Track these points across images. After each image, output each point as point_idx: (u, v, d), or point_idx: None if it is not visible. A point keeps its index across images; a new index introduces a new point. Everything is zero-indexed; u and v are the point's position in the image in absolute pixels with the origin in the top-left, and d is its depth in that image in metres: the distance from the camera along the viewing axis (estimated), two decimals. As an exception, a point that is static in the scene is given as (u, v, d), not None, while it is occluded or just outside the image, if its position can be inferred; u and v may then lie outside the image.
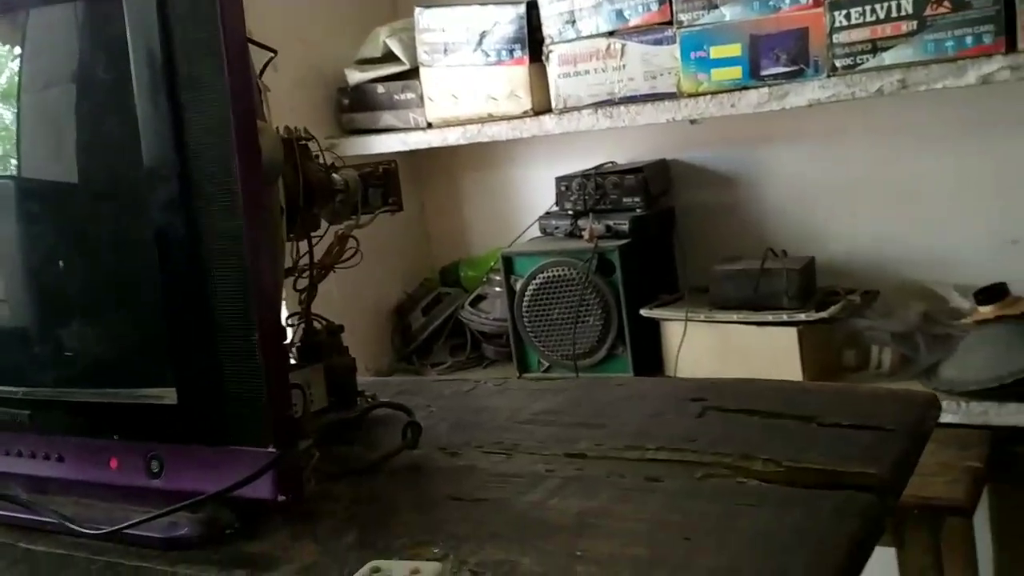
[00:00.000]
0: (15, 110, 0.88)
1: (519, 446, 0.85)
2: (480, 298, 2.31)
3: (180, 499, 0.73)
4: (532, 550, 0.64)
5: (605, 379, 1.19)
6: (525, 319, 2.08)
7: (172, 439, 0.74)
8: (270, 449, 0.69)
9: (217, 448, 0.72)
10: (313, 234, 1.00)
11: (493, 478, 0.79)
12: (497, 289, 2.25)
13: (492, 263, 2.26)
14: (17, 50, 0.89)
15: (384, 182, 1.12)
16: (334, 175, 1.04)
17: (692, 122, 1.95)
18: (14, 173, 0.86)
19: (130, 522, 0.73)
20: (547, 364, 2.12)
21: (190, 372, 0.72)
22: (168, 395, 0.74)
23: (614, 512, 0.69)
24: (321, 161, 1.02)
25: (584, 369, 2.03)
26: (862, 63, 1.61)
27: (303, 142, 0.99)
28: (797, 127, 2.01)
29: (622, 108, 1.87)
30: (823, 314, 1.83)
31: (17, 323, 0.86)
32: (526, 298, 2.08)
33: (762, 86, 1.71)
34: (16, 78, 0.89)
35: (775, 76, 1.70)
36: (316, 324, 0.99)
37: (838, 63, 1.62)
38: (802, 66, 1.67)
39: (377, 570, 0.61)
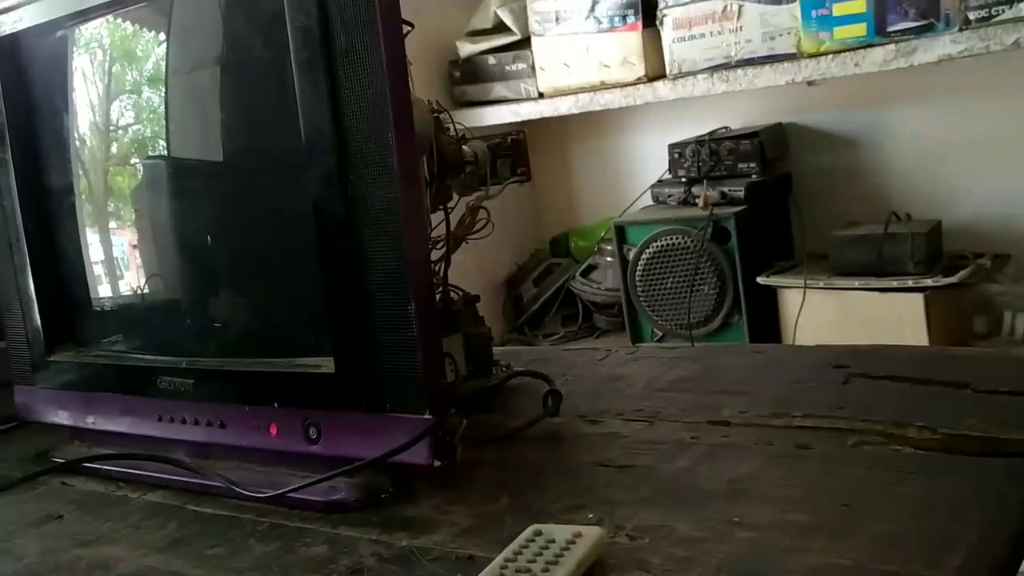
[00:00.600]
0: (163, 93, 0.92)
1: (660, 414, 0.85)
2: (591, 268, 2.31)
3: (337, 464, 0.76)
4: (687, 515, 0.65)
5: (740, 347, 1.18)
6: (638, 289, 2.08)
7: (329, 406, 0.77)
8: (426, 416, 0.71)
9: (373, 415, 0.74)
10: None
11: (638, 445, 0.79)
12: (608, 259, 2.24)
13: (603, 233, 2.26)
14: (163, 35, 0.93)
15: (513, 152, 1.13)
16: (464, 147, 1.05)
17: (810, 83, 1.90)
18: (175, 154, 0.90)
19: (292, 487, 0.76)
20: (661, 334, 2.11)
21: (347, 341, 0.74)
22: (326, 364, 0.76)
23: (766, 478, 0.69)
24: (452, 133, 1.04)
25: (699, 338, 2.01)
26: (997, 15, 1.54)
27: (436, 114, 1.01)
28: (921, 85, 1.94)
29: (739, 71, 1.83)
30: (951, 279, 1.77)
31: (180, 297, 0.91)
32: (639, 267, 2.07)
33: (888, 43, 1.66)
34: (163, 62, 0.93)
35: (902, 32, 1.64)
36: (452, 294, 1.01)
37: (971, 16, 1.56)
38: (932, 20, 1.61)
39: (539, 533, 0.62)
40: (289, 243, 0.80)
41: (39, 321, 0.97)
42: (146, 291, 0.95)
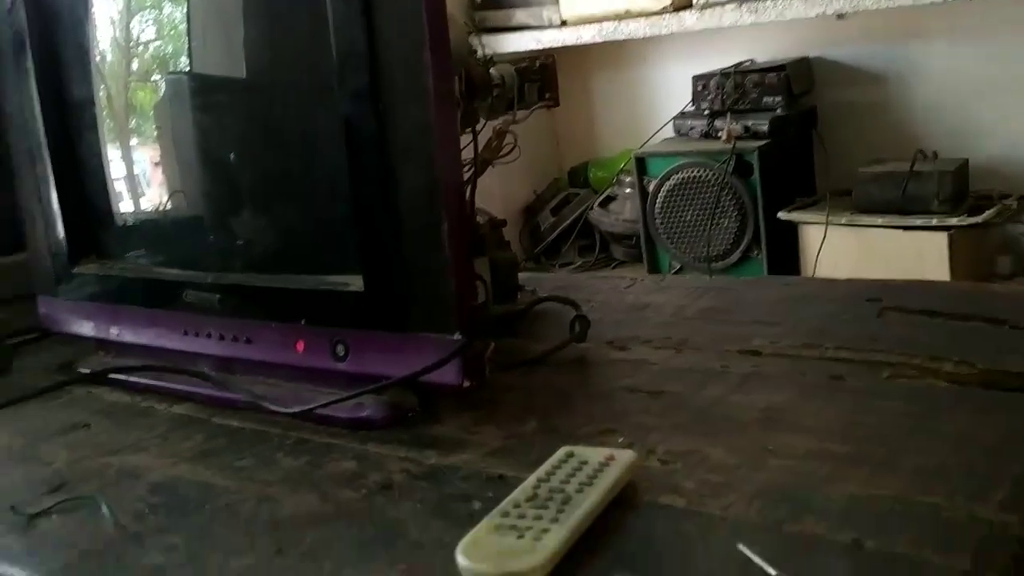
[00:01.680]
0: (186, 5, 0.89)
1: (688, 341, 0.84)
2: (610, 199, 2.29)
3: (364, 382, 0.76)
4: (720, 443, 0.64)
5: (770, 279, 1.17)
6: (658, 220, 2.06)
7: (357, 324, 0.76)
8: (456, 336, 0.70)
9: (402, 334, 0.73)
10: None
11: (667, 372, 0.79)
12: (628, 190, 2.22)
13: (623, 164, 2.23)
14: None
15: (540, 77, 1.10)
16: (491, 70, 1.03)
17: (839, 17, 1.86)
18: (198, 69, 0.88)
19: (319, 403, 0.76)
20: (679, 266, 2.10)
21: (377, 261, 0.73)
22: (355, 282, 0.75)
23: (800, 409, 0.68)
24: (480, 55, 1.01)
25: (717, 271, 2.00)
26: (1040, -52, 1.49)
27: (467, 32, 0.98)
28: (950, 20, 1.89)
29: (768, 2, 1.79)
30: (976, 219, 1.75)
31: (204, 213, 0.90)
32: (659, 199, 2.05)
33: (925, -26, 1.61)
34: None
35: (940, -36, 1.59)
36: (479, 218, 1.00)
37: (1013, -52, 1.51)
38: (971, -48, 1.56)
39: (571, 455, 0.62)
40: (317, 161, 0.78)
41: (62, 232, 0.96)
42: (169, 207, 0.94)
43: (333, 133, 0.74)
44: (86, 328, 0.97)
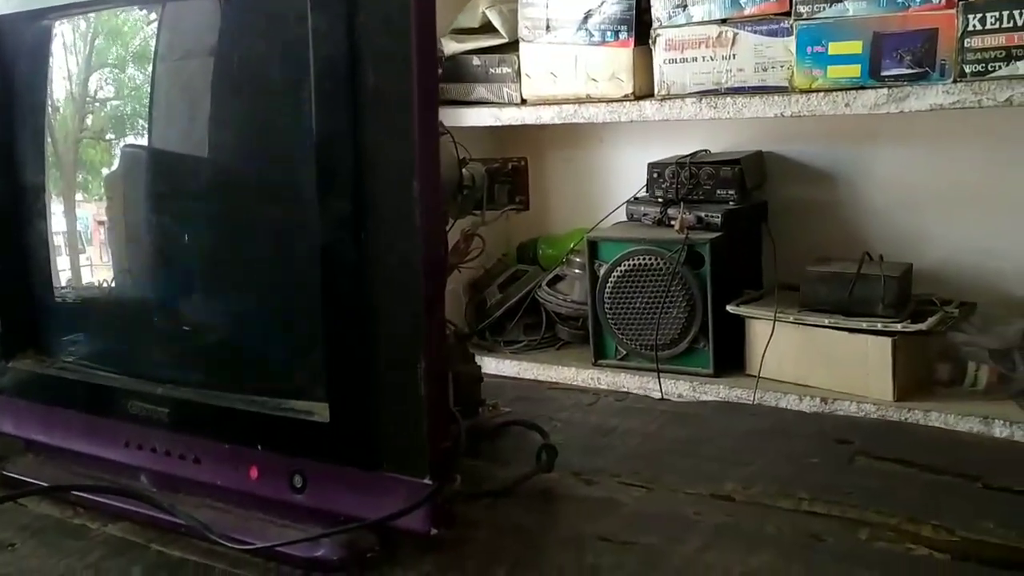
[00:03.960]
0: (148, 89, 0.85)
1: (659, 480, 0.82)
2: (558, 278, 2.27)
3: (321, 517, 0.72)
4: (699, 612, 0.62)
5: (738, 405, 1.16)
6: (606, 305, 2.05)
7: (319, 456, 0.72)
8: (426, 480, 0.67)
9: (367, 472, 0.69)
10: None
11: (639, 517, 0.76)
12: (577, 271, 2.21)
13: (572, 243, 2.22)
14: (154, 23, 0.86)
15: (512, 179, 1.09)
16: (463, 169, 1.01)
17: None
18: (158, 146, 0.83)
19: (276, 543, 0.71)
20: (624, 352, 2.09)
21: (345, 392, 0.70)
22: (319, 411, 0.71)
23: (782, 573, 0.66)
24: (453, 154, 0.99)
25: (664, 361, 1.99)
26: (993, 70, 1.54)
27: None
28: (904, 127, 1.93)
29: (728, 99, 1.81)
30: (920, 326, 1.77)
31: (158, 312, 0.84)
32: (609, 284, 2.04)
33: (881, 87, 1.64)
34: (152, 44, 0.86)
35: (896, 77, 1.63)
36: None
37: (967, 69, 1.55)
38: (927, 69, 1.60)
39: (548, 627, 0.58)
40: (286, 273, 0.75)
41: (-2, 324, 0.90)
42: (116, 304, 0.89)
43: (308, 249, 0.70)
44: (18, 429, 0.90)
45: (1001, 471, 0.77)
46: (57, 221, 0.91)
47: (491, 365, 2.15)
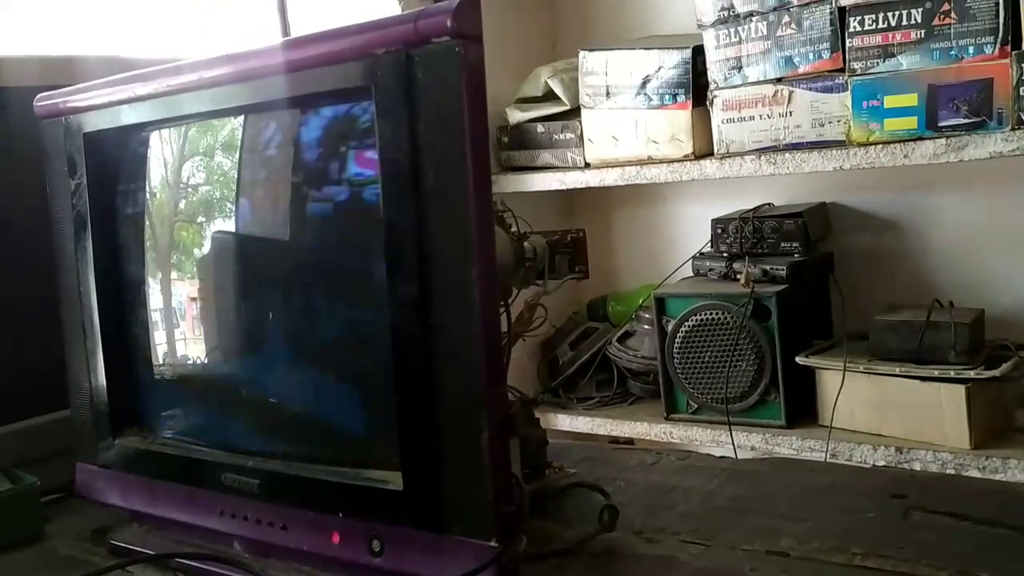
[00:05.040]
0: (235, 194, 0.93)
1: (717, 537, 0.86)
2: (628, 335, 2.31)
3: (398, 578, 0.77)
4: (753, 666, 0.65)
5: (796, 461, 1.18)
6: (676, 360, 2.08)
7: (394, 521, 0.78)
8: (492, 543, 0.72)
9: (438, 535, 0.75)
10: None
11: (697, 575, 0.80)
12: (646, 327, 2.25)
13: (641, 300, 2.26)
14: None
15: (571, 249, 1.14)
16: (524, 243, 1.07)
17: (856, 166, 1.90)
18: (248, 251, 0.92)
19: (358, 602, 0.77)
20: (696, 406, 2.11)
21: (416, 461, 0.76)
22: (393, 480, 0.77)
23: (833, 627, 0.69)
24: (514, 229, 1.05)
25: (735, 414, 2.01)
26: (1051, 117, 1.54)
27: (500, 213, 1.03)
28: (966, 173, 1.94)
29: (787, 155, 1.84)
30: (994, 372, 1.76)
31: (249, 395, 0.92)
32: (678, 340, 2.07)
33: (939, 137, 1.66)
34: (235, 169, 0.94)
35: (953, 127, 1.65)
36: (510, 395, 1.02)
37: (1024, 116, 1.56)
38: (984, 118, 1.62)
39: None
40: (363, 353, 0.82)
41: (107, 404, 0.99)
42: (209, 376, 0.97)
43: (379, 330, 0.77)
44: (122, 499, 0.99)
45: (1054, 523, 0.79)
46: (154, 299, 0.99)
47: (565, 422, 2.19)
